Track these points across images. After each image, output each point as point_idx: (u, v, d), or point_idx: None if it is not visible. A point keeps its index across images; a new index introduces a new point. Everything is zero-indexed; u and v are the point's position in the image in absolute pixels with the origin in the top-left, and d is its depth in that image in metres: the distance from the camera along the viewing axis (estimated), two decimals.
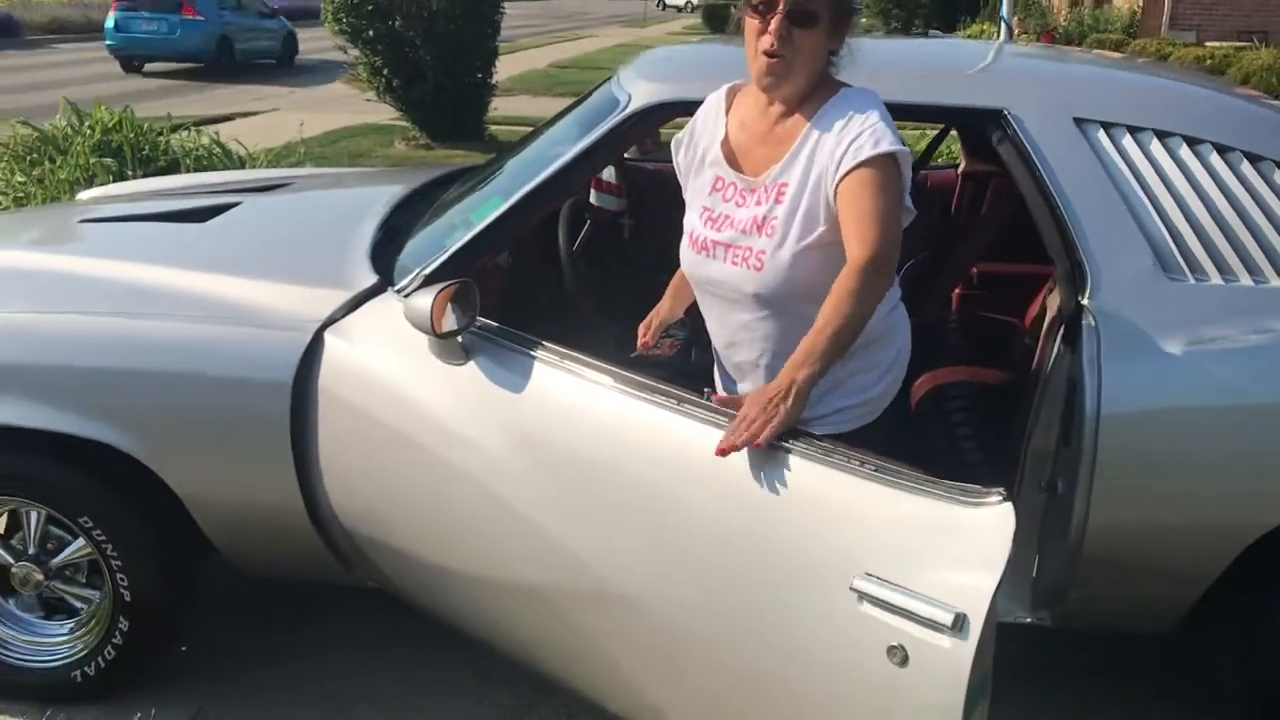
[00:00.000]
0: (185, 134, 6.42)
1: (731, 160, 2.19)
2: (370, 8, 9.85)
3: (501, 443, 2.14)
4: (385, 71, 10.27)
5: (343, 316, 2.45)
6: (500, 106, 11.91)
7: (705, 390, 2.10)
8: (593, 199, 3.32)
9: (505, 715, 2.69)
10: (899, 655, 1.68)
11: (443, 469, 2.20)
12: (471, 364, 2.23)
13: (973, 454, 2.95)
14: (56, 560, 2.69)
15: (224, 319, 2.48)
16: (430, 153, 10.35)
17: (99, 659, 2.67)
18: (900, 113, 2.52)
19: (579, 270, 2.89)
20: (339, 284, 2.53)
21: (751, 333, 2.19)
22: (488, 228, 2.44)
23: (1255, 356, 2.21)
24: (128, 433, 2.44)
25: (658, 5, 48.67)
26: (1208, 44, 15.42)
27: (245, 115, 12.69)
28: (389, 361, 2.33)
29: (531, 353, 2.19)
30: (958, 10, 23.82)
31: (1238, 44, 15.34)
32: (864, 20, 29.42)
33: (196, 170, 5.93)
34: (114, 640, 2.65)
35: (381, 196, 3.16)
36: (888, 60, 2.71)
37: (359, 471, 2.36)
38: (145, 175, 5.66)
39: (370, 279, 2.53)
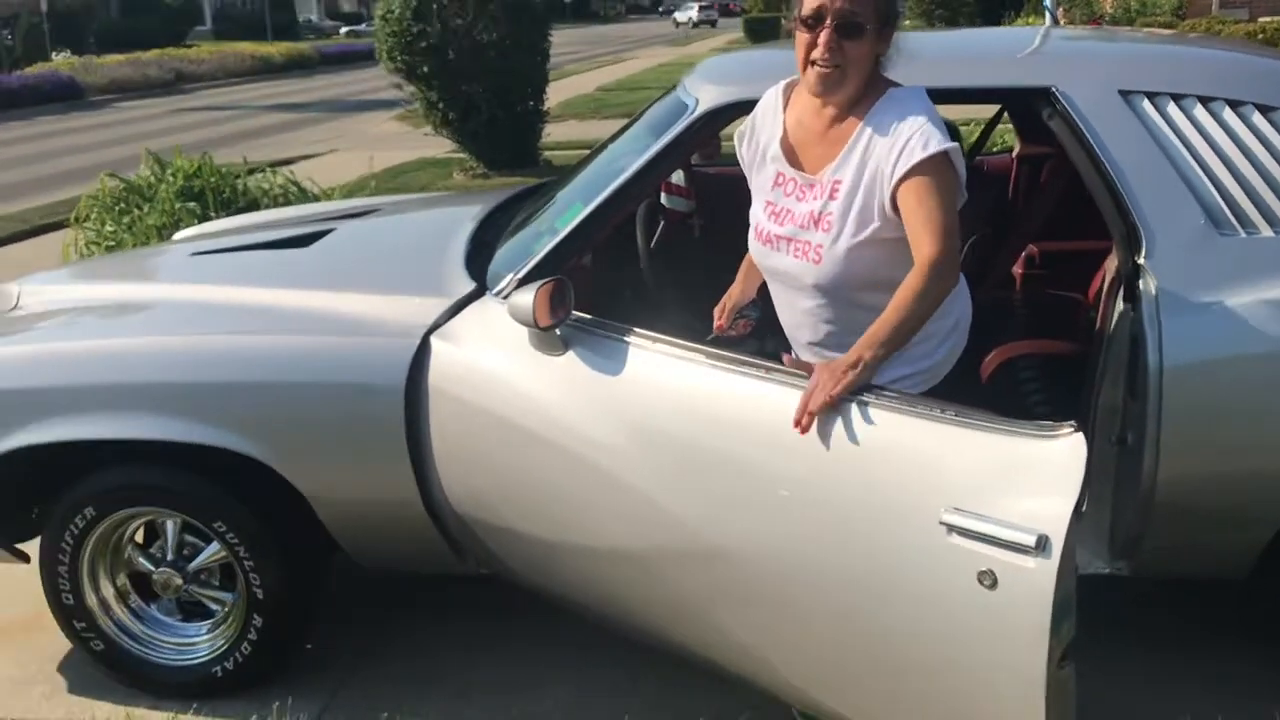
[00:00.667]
0: (260, 175, 6.71)
1: (791, 157, 2.36)
2: (424, 44, 10.15)
3: (603, 422, 2.33)
4: (441, 105, 10.56)
5: (445, 321, 2.66)
6: (552, 132, 12.17)
7: (783, 355, 2.27)
8: (663, 201, 3.50)
9: (616, 693, 2.86)
10: (989, 579, 1.84)
11: (550, 451, 2.39)
12: (570, 353, 2.42)
13: (1046, 419, 3.07)
14: (193, 565, 2.91)
15: (338, 331, 2.70)
16: (488, 181, 10.62)
17: (236, 654, 2.88)
18: (954, 96, 2.69)
19: (656, 267, 3.08)
20: (439, 292, 2.74)
21: (813, 317, 2.38)
22: (572, 232, 2.63)
23: None
24: (256, 441, 2.65)
25: (672, 22, 48.93)
26: (1260, 19, 15.32)
27: (306, 158, 13.09)
28: (492, 358, 2.53)
29: (625, 339, 2.38)
30: (1003, 7, 23.75)
31: None
32: (907, 22, 29.32)
33: (272, 207, 6.21)
34: (249, 636, 2.86)
35: (464, 215, 3.37)
36: (940, 49, 2.87)
37: (470, 461, 2.56)
38: (227, 215, 5.93)
39: (468, 286, 2.73)
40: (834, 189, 2.26)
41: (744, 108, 2.63)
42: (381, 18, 10.46)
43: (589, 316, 2.46)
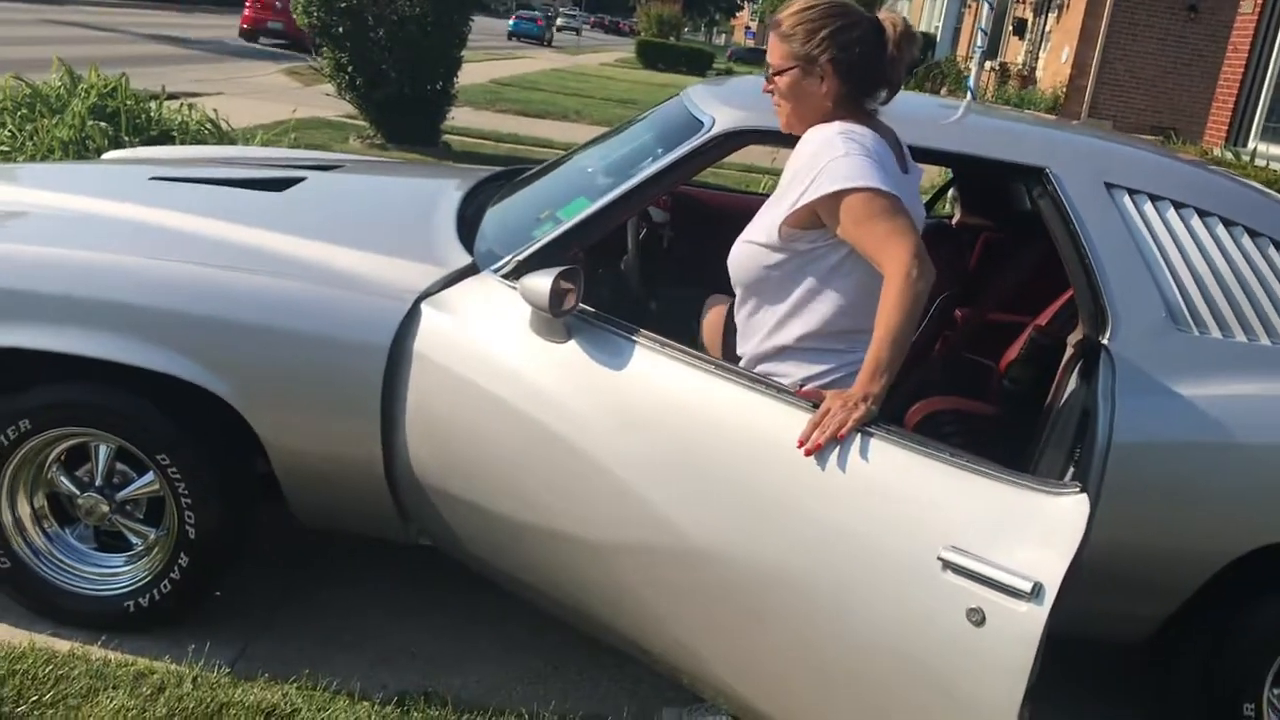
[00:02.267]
0: (175, 106, 6.48)
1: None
2: (343, 5, 9.95)
3: (600, 413, 2.38)
4: (350, 69, 10.36)
5: (439, 290, 2.66)
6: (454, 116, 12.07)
7: (799, 390, 2.37)
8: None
9: (532, 677, 2.90)
10: (977, 616, 1.97)
11: (539, 433, 2.42)
12: (573, 342, 2.46)
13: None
14: (122, 494, 2.82)
15: (328, 283, 2.67)
16: (385, 152, 10.47)
17: (154, 591, 2.80)
18: (948, 160, 2.86)
19: (637, 268, 3.16)
20: (435, 261, 2.75)
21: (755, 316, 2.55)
22: (577, 225, 2.68)
23: (1245, 404, 2.55)
24: (226, 379, 2.60)
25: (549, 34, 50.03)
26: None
27: (192, 95, 12.60)
28: (488, 333, 2.55)
29: (632, 337, 2.43)
30: (911, 79, 24.66)
31: (1149, 137, 16.29)
32: None
33: (189, 143, 6.00)
34: (171, 575, 2.79)
35: (444, 186, 3.37)
36: (928, 114, 3.03)
37: (446, 431, 2.56)
38: (140, 143, 5.72)
39: (464, 259, 2.75)
40: (772, 217, 2.46)
41: (758, 135, 2.73)
42: None
43: (593, 309, 2.51)
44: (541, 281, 2.39)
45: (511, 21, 50.71)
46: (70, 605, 2.83)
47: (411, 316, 2.61)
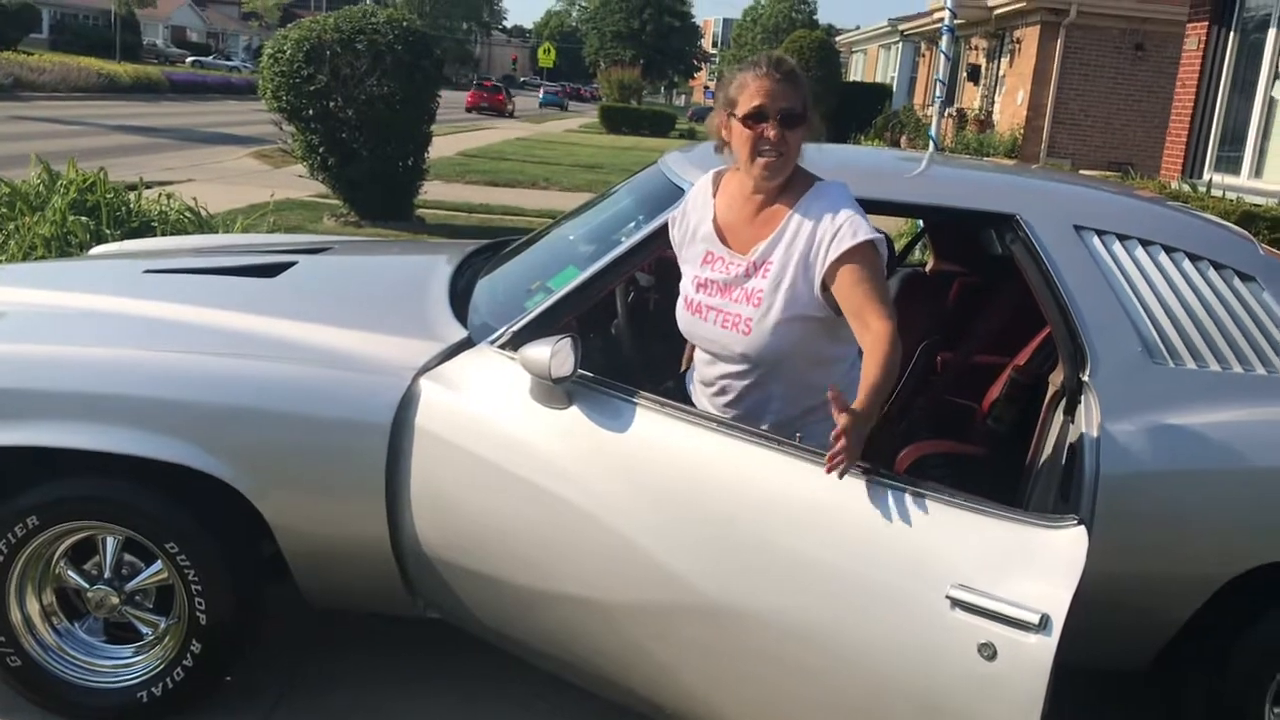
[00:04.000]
0: (153, 196, 6.55)
1: (722, 237, 2.60)
2: (311, 88, 10.09)
3: (607, 476, 2.44)
4: (321, 150, 10.47)
5: (437, 365, 2.73)
6: (426, 191, 12.20)
7: (797, 435, 2.44)
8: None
9: None
10: (989, 651, 2.05)
11: (548, 500, 2.48)
12: (574, 408, 2.52)
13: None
14: (131, 584, 2.84)
15: (326, 364, 2.73)
16: (361, 230, 10.56)
17: (168, 679, 2.81)
18: (922, 212, 2.96)
19: (628, 332, 3.24)
20: (431, 336, 2.81)
21: (735, 381, 2.59)
22: (568, 294, 2.76)
23: (1225, 430, 2.63)
24: (232, 465, 2.64)
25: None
26: (1082, 172, 16.70)
27: (163, 184, 12.70)
28: (490, 405, 2.61)
29: (632, 400, 2.50)
30: (848, 129, 25.13)
31: (1107, 173, 16.61)
32: None
33: (170, 233, 6.07)
34: (184, 662, 2.80)
35: (433, 262, 3.45)
36: (896, 170, 3.14)
37: (453, 504, 2.61)
38: (122, 235, 5.78)
39: (460, 333, 2.82)
40: (765, 268, 2.49)
41: None
42: (270, 55, 10.34)
43: (592, 375, 2.57)
44: (541, 350, 2.46)
45: (542, 94, 61.77)
46: (83, 700, 2.84)
47: (411, 393, 2.67)
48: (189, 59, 55.72)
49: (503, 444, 2.56)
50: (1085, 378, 2.67)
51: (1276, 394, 2.67)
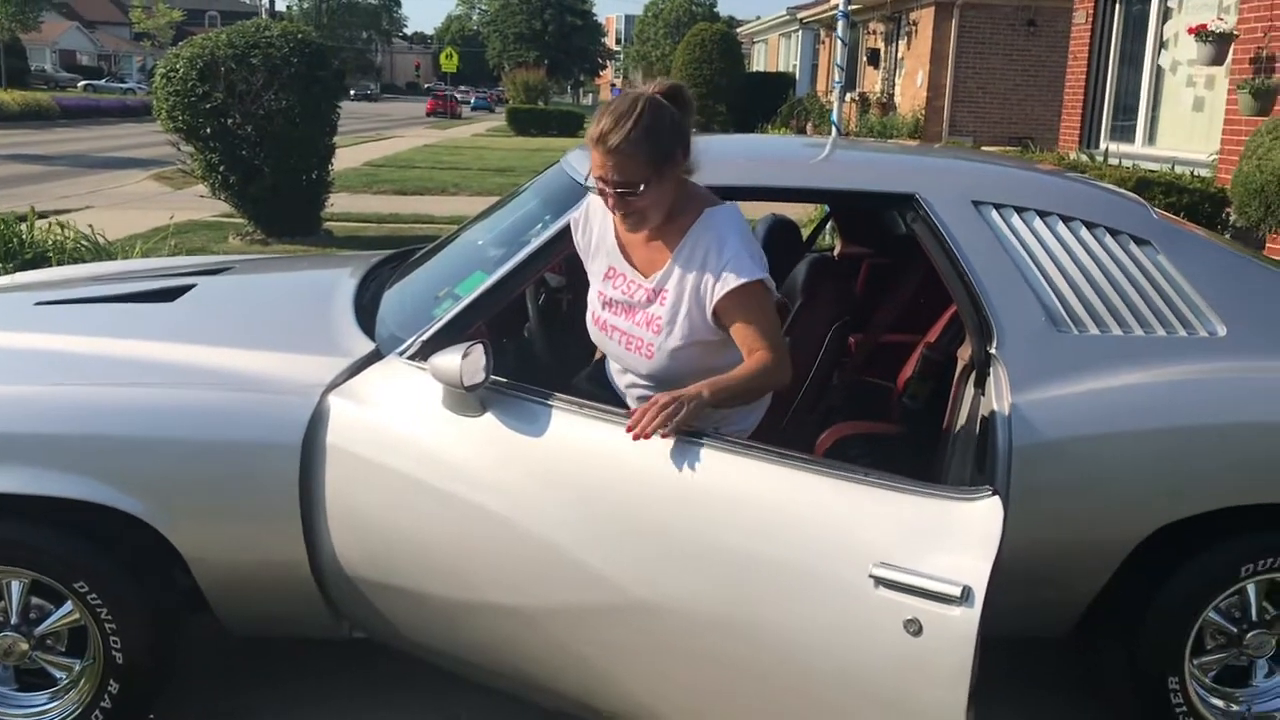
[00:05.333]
0: (46, 226, 6.36)
1: (624, 253, 2.66)
2: (208, 106, 9.88)
3: (525, 481, 2.41)
4: (222, 169, 10.26)
5: (344, 380, 2.67)
6: (334, 203, 12.02)
7: (715, 427, 2.43)
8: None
9: None
10: (914, 626, 2.06)
11: (466, 510, 2.44)
12: (489, 415, 2.49)
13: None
14: (41, 628, 2.74)
15: (230, 387, 2.66)
16: (267, 248, 10.37)
17: None
18: (823, 197, 2.97)
19: (540, 334, 3.21)
20: (337, 351, 2.76)
21: (645, 390, 2.68)
22: (476, 300, 2.72)
23: (1130, 393, 2.68)
24: (140, 498, 2.56)
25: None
26: (984, 148, 17.01)
27: (60, 213, 12.35)
28: (402, 417, 2.57)
29: (547, 402, 2.48)
30: (754, 119, 25.34)
31: (1007, 148, 16.94)
32: None
33: (67, 262, 5.89)
34: (103, 704, 2.72)
35: (336, 276, 3.39)
36: (808, 153, 3.15)
37: (371, 521, 2.56)
38: (15, 268, 5.60)
39: (367, 346, 2.77)
40: (661, 297, 2.59)
41: None
42: (163, 75, 10.11)
43: (505, 380, 2.54)
44: (450, 359, 2.42)
45: (474, 100, 68.98)
46: None
47: (320, 410, 2.61)
48: (81, 83, 54.33)
49: (417, 456, 2.52)
50: (992, 350, 2.71)
51: (1177, 355, 2.73)
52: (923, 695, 2.06)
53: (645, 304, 2.60)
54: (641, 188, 2.43)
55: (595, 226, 2.72)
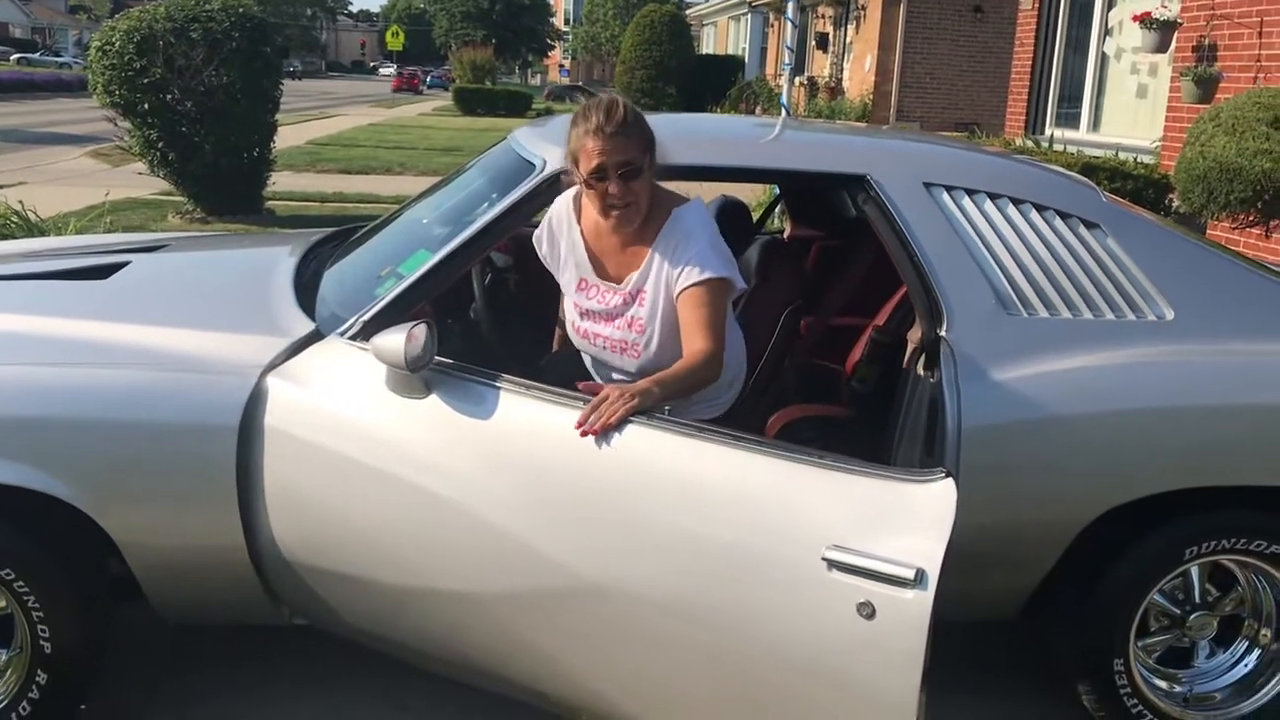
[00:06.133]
0: None
1: (595, 264, 2.75)
2: (145, 80, 9.64)
3: (471, 464, 2.36)
4: (160, 145, 10.03)
5: (283, 361, 2.60)
6: (275, 182, 11.81)
7: (666, 409, 2.40)
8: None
9: None
10: (867, 610, 2.04)
11: (410, 493, 2.38)
12: (433, 396, 2.43)
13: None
14: None
15: (164, 367, 2.58)
16: (208, 226, 10.17)
17: (13, 715, 2.63)
18: (773, 177, 2.94)
19: (486, 315, 3.14)
20: (276, 331, 2.68)
21: (625, 380, 2.71)
22: (420, 279, 2.65)
23: (1078, 376, 2.68)
24: (69, 481, 2.47)
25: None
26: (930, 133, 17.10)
27: None
28: (343, 398, 2.50)
29: (494, 384, 2.42)
30: (703, 101, 25.29)
31: (954, 134, 17.06)
32: None
33: None
34: (30, 695, 2.63)
35: (276, 254, 3.30)
36: (760, 134, 3.11)
37: (312, 505, 2.49)
38: None
39: (307, 326, 2.69)
40: (640, 297, 2.72)
41: None
42: (99, 49, 9.84)
43: (450, 360, 2.48)
44: (394, 339, 2.36)
45: (429, 79, 65.27)
46: None
47: (258, 391, 2.54)
48: (13, 56, 52.99)
49: (360, 438, 2.45)
50: (942, 333, 2.69)
51: (1125, 338, 2.73)
52: (876, 678, 2.05)
53: (624, 307, 2.74)
54: (643, 167, 2.57)
55: (561, 239, 2.83)
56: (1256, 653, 2.91)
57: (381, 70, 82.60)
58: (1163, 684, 2.89)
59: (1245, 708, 2.87)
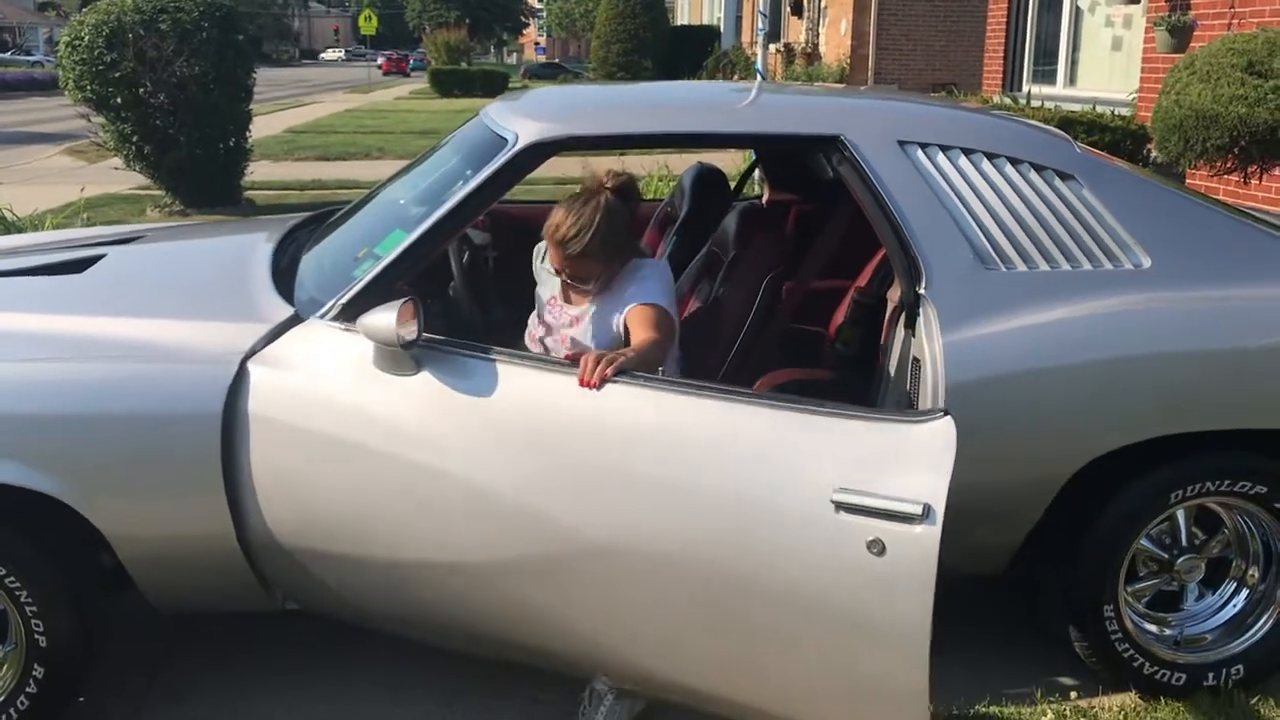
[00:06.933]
0: None
1: (565, 294, 2.95)
2: (116, 74, 9.57)
3: (471, 435, 2.40)
4: (135, 139, 9.96)
5: (264, 346, 2.59)
6: (253, 171, 11.76)
7: (660, 370, 2.43)
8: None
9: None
10: (877, 547, 2.14)
11: (410, 469, 2.41)
12: (424, 372, 2.45)
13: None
14: None
15: (145, 358, 2.57)
16: (187, 218, 10.12)
17: (11, 710, 2.64)
18: (747, 142, 2.93)
19: (464, 292, 3.14)
20: (255, 317, 2.67)
21: None
22: (397, 259, 2.65)
23: (1057, 328, 2.68)
24: (55, 476, 2.47)
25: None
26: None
27: None
28: (329, 380, 2.50)
29: (486, 356, 2.47)
30: (680, 72, 25.20)
31: (933, 94, 17.02)
32: (589, 82, 30.52)
33: None
34: (28, 689, 2.63)
35: (253, 240, 3.28)
36: (735, 98, 3.11)
37: (302, 487, 2.50)
38: None
39: (286, 311, 2.68)
40: (578, 321, 2.91)
41: (563, 144, 2.76)
42: (68, 44, 9.77)
43: (439, 336, 2.50)
44: (384, 316, 2.38)
45: (412, 61, 65.29)
46: None
47: (240, 378, 2.54)
48: None
49: (349, 418, 2.46)
50: (922, 291, 2.70)
51: (1104, 288, 2.74)
52: (888, 611, 2.14)
53: (566, 326, 2.91)
54: (592, 283, 2.84)
55: (547, 265, 3.00)
56: (1245, 593, 2.94)
57: (324, 55, 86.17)
58: (1153, 628, 2.92)
59: (1235, 647, 2.90)
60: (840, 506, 2.17)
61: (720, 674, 2.33)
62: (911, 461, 2.17)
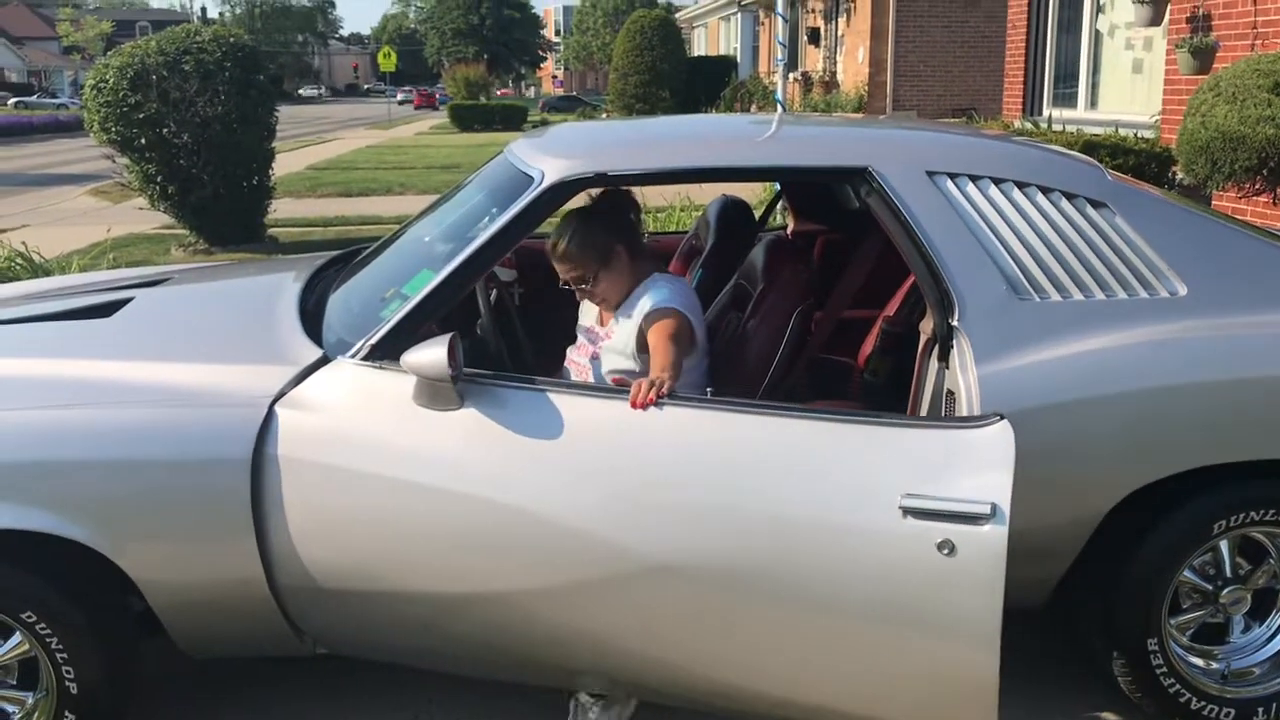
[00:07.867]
0: None
1: (600, 318, 3.13)
2: (140, 115, 9.66)
3: (522, 465, 2.41)
4: (160, 179, 10.05)
5: (293, 388, 2.58)
6: (275, 209, 11.84)
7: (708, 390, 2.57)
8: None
9: None
10: (948, 548, 2.20)
11: (461, 502, 2.41)
12: (468, 407, 2.46)
13: None
14: None
15: (172, 403, 2.56)
16: (211, 257, 10.18)
17: None
18: (776, 175, 2.91)
19: (493, 329, 3.12)
20: (284, 360, 2.66)
21: None
22: (425, 299, 2.64)
23: (1094, 358, 2.64)
24: (83, 523, 2.46)
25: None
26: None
27: None
28: (363, 419, 2.50)
29: (533, 386, 2.50)
30: (698, 103, 25.29)
31: (952, 120, 17.01)
32: (606, 114, 30.64)
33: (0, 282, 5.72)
34: None
35: (278, 282, 3.28)
36: (759, 131, 3.09)
37: (336, 528, 2.47)
38: None
39: (315, 352, 2.67)
40: (605, 335, 3.07)
41: (590, 182, 2.74)
42: (93, 86, 9.87)
43: (478, 370, 2.53)
44: (435, 351, 2.39)
45: (438, 95, 67.49)
46: None
47: (270, 421, 2.52)
48: (11, 100, 53.32)
49: (388, 456, 2.45)
50: (954, 322, 2.66)
51: (1139, 317, 2.70)
52: (960, 608, 2.20)
53: (601, 341, 3.07)
54: (591, 280, 2.98)
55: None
56: None
57: (372, 90, 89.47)
58: (1199, 661, 2.85)
59: None
60: (908, 512, 2.24)
61: (802, 682, 2.38)
62: (974, 464, 2.25)
